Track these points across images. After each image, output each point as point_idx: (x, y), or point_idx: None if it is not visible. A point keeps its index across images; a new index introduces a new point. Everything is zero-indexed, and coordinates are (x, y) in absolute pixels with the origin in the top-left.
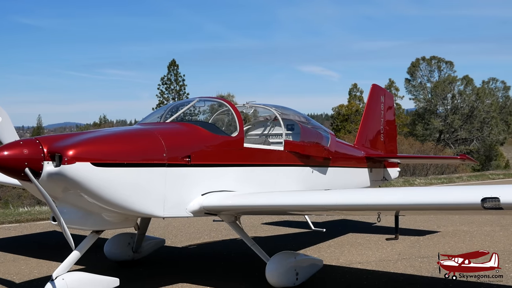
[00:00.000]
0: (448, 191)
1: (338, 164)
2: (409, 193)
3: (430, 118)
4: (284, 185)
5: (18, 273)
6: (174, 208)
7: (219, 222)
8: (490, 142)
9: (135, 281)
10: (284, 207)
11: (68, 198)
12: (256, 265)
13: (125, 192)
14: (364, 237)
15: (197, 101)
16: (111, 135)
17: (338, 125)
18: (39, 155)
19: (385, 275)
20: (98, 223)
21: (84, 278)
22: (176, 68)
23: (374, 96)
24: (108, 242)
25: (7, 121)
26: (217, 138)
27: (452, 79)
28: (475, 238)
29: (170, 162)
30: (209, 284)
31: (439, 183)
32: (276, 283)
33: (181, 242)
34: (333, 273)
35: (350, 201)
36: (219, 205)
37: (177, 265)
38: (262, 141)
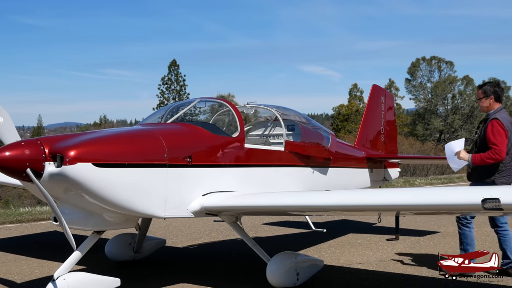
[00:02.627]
0: (449, 192)
1: (339, 165)
2: (409, 194)
3: (431, 118)
4: (285, 186)
5: (19, 273)
6: (175, 209)
7: (219, 223)
8: None
9: (136, 281)
10: (285, 208)
11: (69, 198)
12: (256, 266)
13: (126, 193)
14: (365, 238)
15: (198, 102)
16: (112, 135)
17: (338, 125)
18: (40, 155)
19: (386, 276)
20: (99, 224)
21: (85, 278)
22: (177, 68)
23: (374, 96)
24: (109, 242)
25: (9, 121)
26: (218, 139)
27: (453, 79)
28: (475, 239)
29: (171, 162)
30: (210, 284)
31: (439, 184)
32: (277, 284)
33: (182, 242)
34: (334, 273)
35: (351, 202)
36: (220, 205)
37: (178, 265)
38: (262, 142)
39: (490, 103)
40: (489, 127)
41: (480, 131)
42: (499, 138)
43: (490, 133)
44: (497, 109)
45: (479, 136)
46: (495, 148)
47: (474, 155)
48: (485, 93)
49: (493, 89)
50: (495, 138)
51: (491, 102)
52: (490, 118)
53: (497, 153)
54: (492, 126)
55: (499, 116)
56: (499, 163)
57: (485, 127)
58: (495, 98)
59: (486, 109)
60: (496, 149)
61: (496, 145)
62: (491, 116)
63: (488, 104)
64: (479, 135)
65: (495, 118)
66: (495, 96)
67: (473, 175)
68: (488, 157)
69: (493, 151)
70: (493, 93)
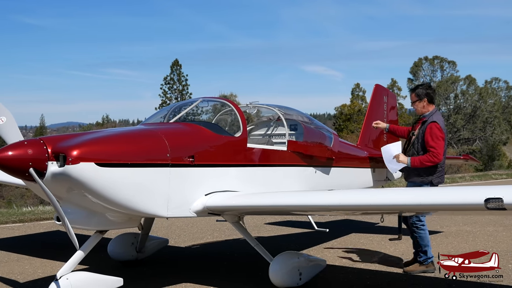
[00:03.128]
0: (451, 192)
1: (341, 164)
2: (412, 194)
3: None
4: (287, 185)
5: (22, 273)
6: (177, 208)
7: (222, 222)
8: (492, 142)
9: (139, 281)
10: (287, 208)
11: (72, 198)
12: (259, 265)
13: (129, 192)
14: (367, 237)
15: (201, 101)
16: (115, 135)
17: (341, 125)
18: (43, 155)
19: (388, 275)
20: (102, 223)
21: (88, 278)
22: (179, 68)
23: (377, 96)
24: (112, 242)
25: (11, 121)
26: (221, 138)
27: (455, 79)
28: (478, 239)
29: (174, 162)
30: (213, 284)
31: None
32: (280, 283)
33: (185, 242)
34: (336, 273)
35: (354, 202)
36: (223, 205)
37: (181, 265)
38: (265, 141)
39: (424, 106)
40: (428, 130)
41: (419, 133)
42: (438, 141)
43: (429, 136)
44: (433, 111)
45: (417, 137)
46: (433, 151)
47: (413, 158)
48: (419, 96)
49: (425, 92)
50: (433, 142)
51: (425, 105)
52: (428, 121)
53: (435, 156)
54: (431, 129)
55: (436, 119)
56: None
57: (423, 129)
58: (428, 100)
59: (421, 111)
60: (434, 152)
61: (435, 148)
62: (428, 119)
63: (422, 107)
64: (417, 136)
65: (434, 122)
66: (428, 99)
67: (411, 176)
68: (427, 160)
69: (432, 154)
70: (426, 96)
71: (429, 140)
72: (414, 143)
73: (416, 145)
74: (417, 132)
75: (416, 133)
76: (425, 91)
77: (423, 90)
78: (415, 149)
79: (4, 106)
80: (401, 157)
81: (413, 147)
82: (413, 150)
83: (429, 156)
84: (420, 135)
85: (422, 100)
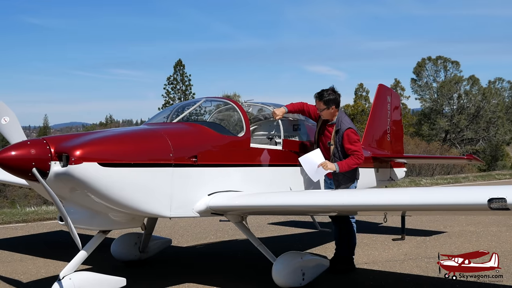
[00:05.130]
0: (455, 192)
1: None
2: (415, 194)
3: (436, 118)
4: (291, 185)
5: (25, 273)
6: (180, 208)
7: (225, 222)
8: (496, 142)
9: (142, 281)
10: (291, 208)
11: (75, 198)
12: (262, 265)
13: (132, 192)
14: (371, 238)
15: (204, 101)
16: (118, 135)
17: None
18: (46, 155)
19: (392, 276)
20: (105, 223)
21: (91, 278)
22: (182, 68)
23: (380, 96)
24: (115, 242)
25: (15, 121)
26: (224, 138)
27: (458, 79)
28: (481, 239)
29: (177, 162)
30: (216, 284)
31: (445, 183)
32: (283, 283)
33: (188, 242)
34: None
35: (358, 201)
36: (226, 205)
37: (183, 265)
38: (268, 141)
39: (331, 112)
40: (345, 138)
41: (335, 141)
42: (358, 144)
43: (348, 144)
44: (340, 116)
45: (336, 147)
46: (357, 153)
47: (340, 163)
48: (327, 104)
49: (333, 98)
50: (354, 146)
51: (332, 111)
52: (341, 129)
53: (360, 158)
54: (348, 136)
55: (348, 124)
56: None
57: (340, 138)
58: (336, 106)
59: (330, 118)
60: (358, 155)
61: (357, 151)
62: (341, 126)
63: (331, 113)
64: (335, 145)
65: (349, 128)
66: (335, 105)
67: (341, 179)
68: (354, 163)
69: (356, 157)
70: (334, 102)
71: (350, 146)
72: (335, 152)
73: (337, 154)
74: (333, 141)
75: (333, 142)
76: (332, 97)
77: (330, 97)
78: (337, 157)
79: (7, 106)
80: (329, 165)
81: (335, 156)
82: (335, 159)
83: (355, 159)
84: (338, 143)
85: (330, 108)
